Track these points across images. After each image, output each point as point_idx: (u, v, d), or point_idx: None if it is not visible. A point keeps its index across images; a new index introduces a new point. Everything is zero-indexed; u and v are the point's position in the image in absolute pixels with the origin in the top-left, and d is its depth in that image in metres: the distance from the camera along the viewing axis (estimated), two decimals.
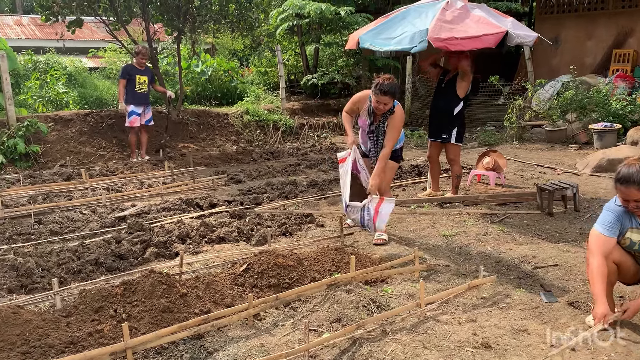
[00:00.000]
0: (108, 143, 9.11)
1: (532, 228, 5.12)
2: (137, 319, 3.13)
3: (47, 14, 9.20)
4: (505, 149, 9.39)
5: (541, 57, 13.09)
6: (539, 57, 13.04)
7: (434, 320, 3.31)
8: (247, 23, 10.71)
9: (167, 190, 6.62)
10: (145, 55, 8.55)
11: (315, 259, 4.09)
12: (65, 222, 5.37)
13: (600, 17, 12.38)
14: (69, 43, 15.03)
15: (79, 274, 4.03)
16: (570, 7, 12.66)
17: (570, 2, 12.15)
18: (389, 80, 4.56)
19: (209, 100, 12.84)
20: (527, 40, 5.37)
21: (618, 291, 3.66)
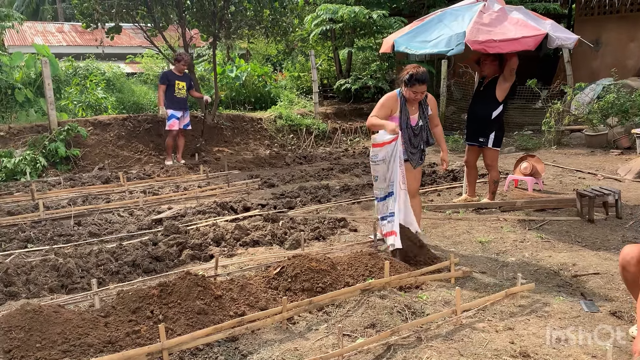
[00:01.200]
0: (145, 147, 9.30)
1: (571, 235, 4.98)
2: (173, 320, 3.16)
3: (87, 21, 9.47)
4: (543, 153, 9.18)
5: (581, 59, 12.75)
6: (579, 59, 12.71)
7: (470, 328, 3.25)
8: (281, 28, 10.79)
9: (202, 193, 6.70)
10: (186, 62, 8.74)
11: (349, 264, 4.07)
12: (104, 224, 5.49)
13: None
14: (108, 49, 15.43)
15: (116, 275, 4.11)
16: (611, 8, 12.31)
17: (611, 3, 11.82)
18: (417, 68, 4.47)
19: (243, 105, 12.98)
20: (567, 43, 5.24)
21: None
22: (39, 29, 22.87)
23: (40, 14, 29.84)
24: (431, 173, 7.80)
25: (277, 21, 10.52)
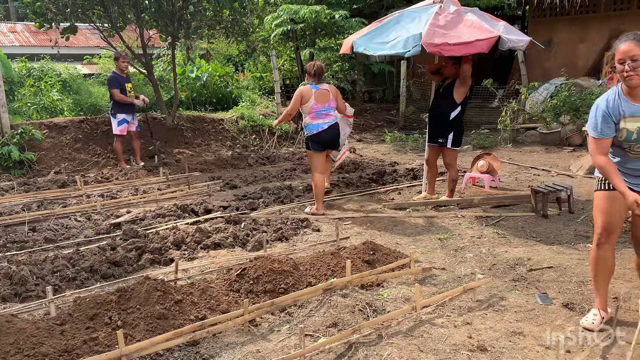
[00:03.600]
0: (103, 150, 9.10)
1: (526, 230, 5.13)
2: (132, 326, 3.12)
3: (40, 20, 9.19)
4: (499, 151, 9.42)
5: (534, 60, 13.14)
6: (533, 60, 13.10)
7: (429, 324, 3.32)
8: (242, 28, 10.71)
9: (162, 196, 6.61)
10: (126, 57, 8.53)
11: (311, 264, 4.09)
12: (60, 229, 5.35)
13: (592, 20, 12.45)
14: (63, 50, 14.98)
15: (73, 282, 4.02)
16: (562, 10, 12.72)
17: (562, 5, 12.21)
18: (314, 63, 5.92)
19: (204, 106, 12.85)
20: (519, 45, 5.40)
21: (612, 292, 3.67)
22: None
23: None
24: (392, 172, 7.89)
25: (237, 21, 10.44)
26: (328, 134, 5.83)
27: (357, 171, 8.18)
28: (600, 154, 3.04)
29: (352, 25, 12.01)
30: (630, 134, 2.99)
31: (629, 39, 2.91)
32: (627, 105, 2.99)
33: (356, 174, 7.97)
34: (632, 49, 2.87)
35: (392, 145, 10.79)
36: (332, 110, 5.89)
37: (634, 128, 2.97)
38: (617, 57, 2.94)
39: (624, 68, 2.90)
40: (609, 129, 3.02)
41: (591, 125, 3.08)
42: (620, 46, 2.92)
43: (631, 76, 2.89)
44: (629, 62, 2.87)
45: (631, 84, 2.94)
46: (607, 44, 12.17)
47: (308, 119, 5.84)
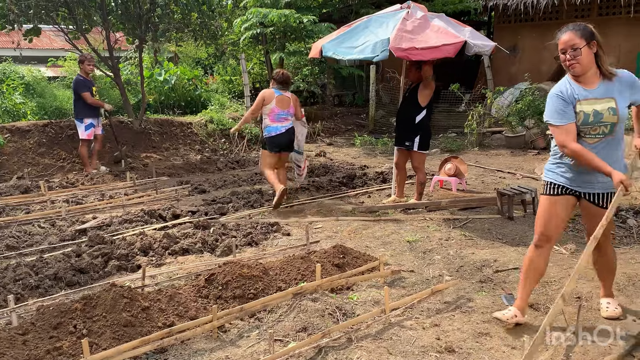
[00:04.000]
0: (68, 154, 8.90)
1: (493, 232, 5.23)
2: (97, 334, 3.05)
3: (2, 22, 8.94)
4: (466, 155, 9.59)
5: (500, 65, 13.43)
6: (498, 65, 13.38)
7: (398, 326, 3.35)
8: (210, 32, 10.64)
9: (129, 201, 6.50)
10: (92, 60, 8.40)
11: (281, 269, 4.08)
12: (23, 236, 5.20)
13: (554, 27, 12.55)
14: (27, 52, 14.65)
15: (36, 290, 3.91)
16: (526, 17, 13.04)
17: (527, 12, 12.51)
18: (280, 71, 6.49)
19: (172, 109, 12.71)
20: (484, 50, 5.51)
21: (575, 291, 3.77)
22: None
23: None
24: (362, 175, 7.94)
25: (205, 24, 10.36)
26: (284, 137, 6.32)
27: (327, 175, 8.21)
28: (572, 141, 3.03)
29: (322, 30, 12.06)
30: (587, 116, 3.01)
31: (569, 29, 3.04)
32: (579, 90, 3.06)
33: (326, 177, 7.99)
34: (572, 38, 2.99)
35: (362, 148, 10.86)
36: (290, 116, 6.38)
37: (589, 110, 3.01)
38: (559, 47, 3.06)
39: (566, 57, 3.03)
40: (570, 112, 3.05)
41: (552, 115, 3.08)
42: (562, 37, 3.04)
43: (573, 64, 3.01)
44: (570, 51, 3.00)
45: (574, 72, 3.05)
46: None
47: (267, 120, 6.30)
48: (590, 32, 3.01)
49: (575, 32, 2.99)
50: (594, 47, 3.00)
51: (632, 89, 3.05)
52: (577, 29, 3.00)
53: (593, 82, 3.06)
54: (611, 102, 3.00)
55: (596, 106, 3.00)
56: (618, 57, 11.82)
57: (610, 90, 3.02)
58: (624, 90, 3.03)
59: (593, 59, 3.02)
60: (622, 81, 3.05)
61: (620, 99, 3.01)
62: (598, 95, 3.02)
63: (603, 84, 3.04)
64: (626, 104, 3.04)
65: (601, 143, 3.04)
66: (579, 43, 2.97)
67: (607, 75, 3.04)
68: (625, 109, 3.01)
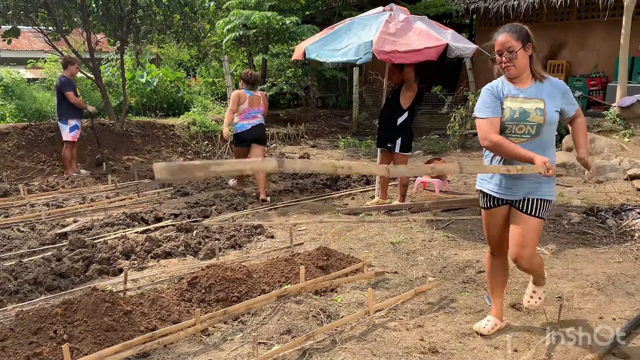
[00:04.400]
0: (48, 157, 8.77)
1: (475, 233, 5.27)
2: (78, 339, 3.01)
3: None
4: (449, 156, 9.66)
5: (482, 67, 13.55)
6: (480, 67, 13.51)
7: (382, 328, 3.36)
8: (193, 33, 10.59)
9: (111, 204, 6.43)
10: (78, 63, 8.36)
11: (265, 271, 4.07)
12: (2, 240, 5.11)
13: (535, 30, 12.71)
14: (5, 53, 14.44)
15: (15, 295, 3.85)
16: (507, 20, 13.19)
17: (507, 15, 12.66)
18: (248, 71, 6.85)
19: (154, 112, 12.60)
20: (466, 52, 5.56)
21: (556, 291, 3.81)
22: None
23: None
24: (345, 177, 7.96)
25: (187, 26, 10.31)
26: (251, 133, 6.85)
27: (310, 177, 8.20)
28: (494, 132, 2.98)
29: (304, 32, 12.07)
30: (513, 112, 2.95)
31: (505, 30, 2.98)
32: (510, 88, 3.01)
33: (310, 179, 7.99)
34: (508, 40, 2.93)
35: (346, 150, 10.88)
36: (259, 113, 6.92)
37: (516, 107, 2.95)
38: (496, 48, 2.99)
39: (502, 59, 2.96)
40: (497, 107, 2.99)
41: (480, 108, 3.04)
42: (498, 38, 2.98)
43: (509, 67, 2.95)
44: (506, 53, 2.93)
45: (510, 75, 2.99)
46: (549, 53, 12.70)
47: (237, 119, 6.86)
48: (526, 34, 2.96)
49: (512, 34, 2.94)
50: (529, 50, 2.96)
51: (563, 97, 3.00)
52: (514, 30, 2.95)
53: (525, 82, 3.01)
54: (540, 103, 2.94)
55: (524, 105, 2.96)
56: (597, 61, 12.03)
57: (540, 91, 2.98)
58: (555, 94, 2.98)
59: (528, 61, 2.98)
60: (553, 85, 3.00)
61: (550, 102, 2.95)
62: (528, 95, 2.98)
63: (535, 85, 2.99)
64: (556, 109, 2.97)
65: (528, 143, 2.95)
66: (515, 46, 2.91)
67: (538, 77, 2.99)
68: (554, 113, 2.95)
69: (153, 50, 15.73)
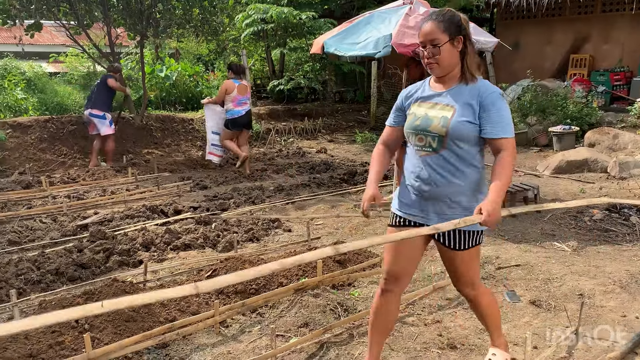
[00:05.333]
0: (69, 150, 8.89)
1: (495, 229, 5.22)
2: (99, 329, 3.06)
3: (4, 17, 8.93)
4: None
5: (502, 61, 13.39)
6: (500, 61, 13.34)
7: (400, 322, 3.34)
8: (212, 27, 10.62)
9: (131, 197, 6.50)
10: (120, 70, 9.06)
11: None
12: (25, 231, 5.21)
13: (557, 23, 12.75)
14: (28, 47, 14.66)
15: (38, 285, 3.91)
16: (529, 13, 13.00)
17: (529, 8, 12.48)
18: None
19: (173, 105, 12.69)
20: (487, 46, 5.50)
21: (577, 289, 3.76)
22: None
23: None
24: (363, 172, 7.93)
25: (207, 20, 10.34)
26: (244, 119, 7.91)
27: (328, 171, 8.20)
28: (381, 142, 2.67)
29: (321, 26, 12.03)
30: (416, 118, 2.43)
31: (432, 18, 2.36)
32: (426, 90, 2.48)
33: (327, 174, 7.98)
34: (433, 31, 2.32)
35: (363, 145, 10.84)
36: (248, 100, 7.93)
37: (420, 113, 2.43)
38: (419, 39, 2.40)
39: (424, 54, 2.37)
40: (397, 114, 2.59)
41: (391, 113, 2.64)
42: (423, 27, 2.38)
43: (431, 64, 2.37)
44: (430, 47, 2.34)
45: (433, 74, 2.43)
46: (572, 47, 12.50)
47: (231, 105, 7.76)
48: (457, 24, 2.34)
49: (438, 23, 2.31)
50: (459, 44, 2.34)
51: (486, 110, 2.33)
52: (441, 19, 2.32)
53: (449, 83, 2.42)
54: (449, 111, 2.36)
55: (431, 111, 2.40)
56: (622, 55, 11.80)
57: (458, 96, 2.37)
58: (472, 102, 2.34)
59: (458, 58, 2.37)
60: (478, 92, 2.35)
61: (461, 112, 2.34)
62: (441, 100, 2.40)
63: (456, 89, 2.39)
64: (467, 119, 2.33)
65: (431, 158, 2.41)
66: (441, 39, 2.30)
67: (467, 78, 2.38)
68: (463, 125, 2.32)
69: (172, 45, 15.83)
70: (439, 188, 2.40)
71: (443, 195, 2.41)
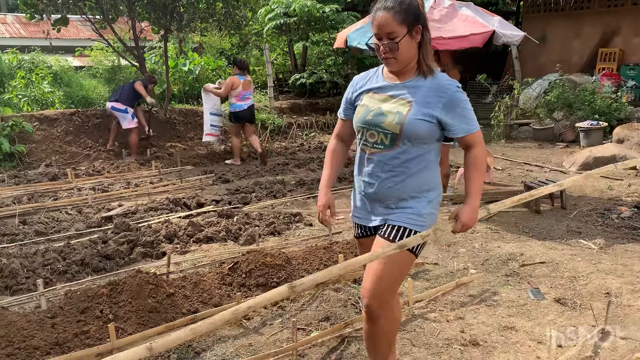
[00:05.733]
0: (94, 142, 9.03)
1: (519, 226, 5.14)
2: (123, 319, 3.10)
3: (31, 12, 9.09)
4: (492, 147, 9.44)
5: (529, 55, 13.16)
6: (527, 55, 13.11)
7: (422, 318, 3.32)
8: (235, 21, 10.64)
9: (154, 189, 6.57)
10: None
11: (304, 258, 4.08)
12: (51, 222, 5.31)
13: (586, 16, 12.47)
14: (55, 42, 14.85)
15: (64, 275, 3.98)
16: (557, 6, 12.74)
17: (556, 1, 12.23)
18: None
19: (196, 99, 12.76)
20: (513, 40, 5.40)
21: (604, 287, 3.68)
22: None
23: None
24: None
25: (230, 14, 10.37)
26: (246, 113, 8.30)
27: (349, 166, 8.17)
28: (334, 136, 2.48)
29: (344, 20, 11.96)
30: (367, 112, 2.22)
31: (386, 5, 2.09)
32: (379, 80, 2.26)
33: (349, 168, 7.95)
34: (389, 23, 2.08)
35: None
36: (251, 95, 8.36)
37: (374, 106, 2.21)
38: (373, 30, 2.16)
39: (380, 48, 2.13)
40: (347, 106, 2.39)
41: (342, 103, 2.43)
42: (376, 16, 2.12)
43: (388, 59, 2.14)
44: (386, 40, 2.11)
45: (390, 68, 2.20)
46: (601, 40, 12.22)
47: (234, 100, 8.20)
48: (414, 13, 2.10)
49: (395, 13, 2.07)
50: (417, 35, 2.13)
51: (447, 106, 2.15)
52: (398, 8, 2.07)
53: (406, 75, 2.20)
54: (405, 106, 2.15)
55: (385, 104, 2.19)
56: None
57: (415, 90, 2.17)
58: (431, 99, 2.15)
59: (416, 50, 2.16)
60: (437, 87, 2.16)
61: (418, 108, 2.14)
62: (396, 93, 2.19)
63: (413, 81, 2.18)
64: (425, 117, 2.13)
65: (382, 156, 2.21)
66: (398, 32, 2.08)
67: (424, 71, 2.18)
68: (419, 123, 2.12)
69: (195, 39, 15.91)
70: (389, 189, 2.21)
71: (392, 197, 2.22)
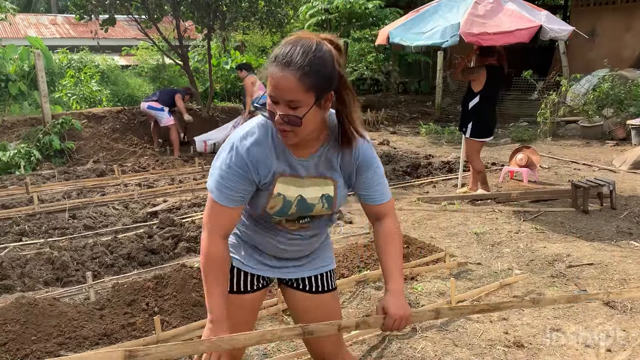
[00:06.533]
0: (140, 140, 9.27)
1: (566, 226, 5.00)
2: (168, 312, 3.17)
3: (80, 12, 9.40)
4: (538, 145, 9.20)
5: (577, 50, 12.75)
6: (575, 51, 12.71)
7: (464, 319, 3.27)
8: (277, 19, 10.72)
9: (198, 186, 6.69)
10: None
11: (344, 256, 4.08)
12: (99, 217, 5.48)
13: (638, 9, 11.99)
14: (102, 41, 15.33)
15: (111, 268, 4.11)
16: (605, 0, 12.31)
17: None
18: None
19: (238, 97, 12.94)
20: (561, 35, 5.24)
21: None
22: (32, 21, 22.67)
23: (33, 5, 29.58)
24: (427, 165, 7.80)
25: (272, 12, 10.45)
26: None
27: (390, 163, 8.11)
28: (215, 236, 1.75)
29: (387, 15, 11.88)
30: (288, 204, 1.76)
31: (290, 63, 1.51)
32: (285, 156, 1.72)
33: (390, 166, 7.90)
34: (292, 89, 1.52)
35: (427, 137, 10.65)
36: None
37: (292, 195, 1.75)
38: (268, 90, 1.60)
39: (277, 117, 1.57)
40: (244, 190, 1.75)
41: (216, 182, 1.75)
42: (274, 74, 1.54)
43: (285, 133, 1.61)
44: (284, 109, 1.55)
45: (285, 142, 1.67)
46: None
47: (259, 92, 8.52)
48: (328, 74, 1.55)
49: (302, 77, 1.50)
50: (327, 104, 1.62)
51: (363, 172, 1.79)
52: (306, 70, 1.50)
53: (310, 146, 1.72)
54: (329, 185, 1.77)
55: (305, 190, 1.75)
56: None
57: (328, 162, 1.76)
58: (348, 168, 1.78)
59: (325, 120, 1.69)
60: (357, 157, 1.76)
61: (341, 182, 1.79)
62: (311, 171, 1.75)
63: (322, 151, 1.74)
64: (347, 190, 1.83)
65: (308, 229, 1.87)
66: (303, 101, 1.54)
67: (347, 141, 1.70)
68: (345, 197, 1.83)
69: (237, 37, 16.12)
70: (304, 248, 1.93)
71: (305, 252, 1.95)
